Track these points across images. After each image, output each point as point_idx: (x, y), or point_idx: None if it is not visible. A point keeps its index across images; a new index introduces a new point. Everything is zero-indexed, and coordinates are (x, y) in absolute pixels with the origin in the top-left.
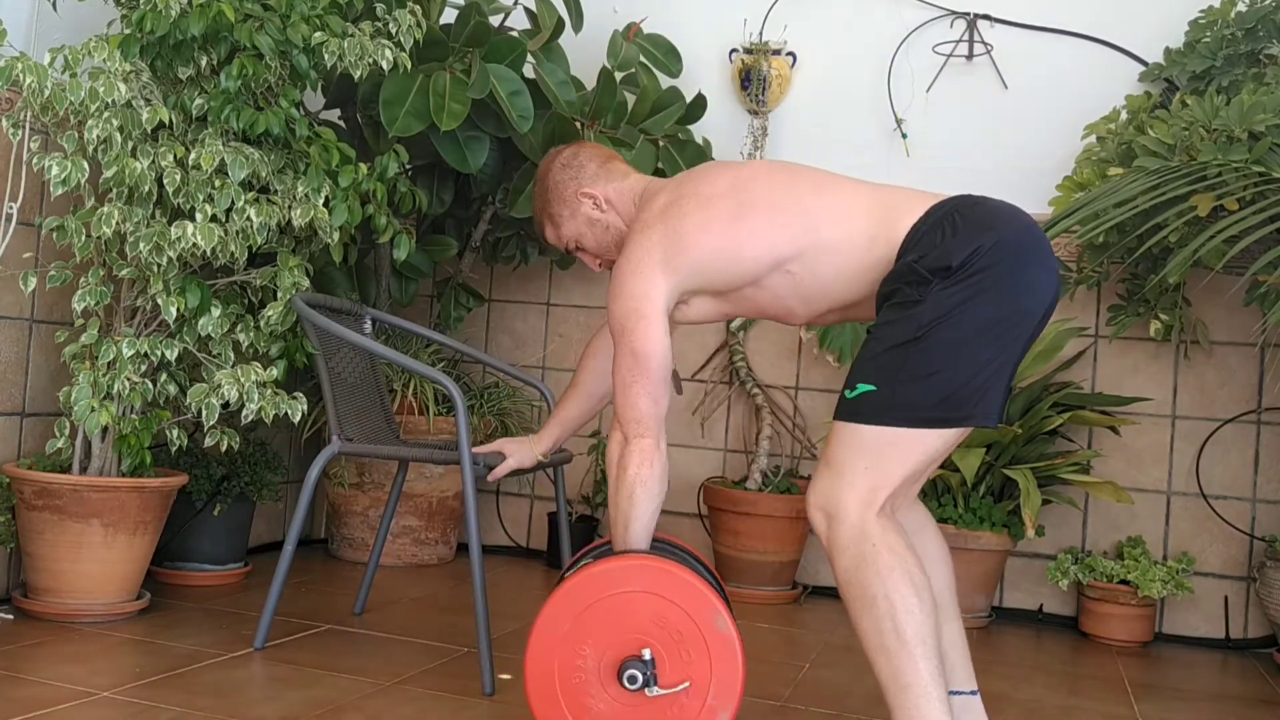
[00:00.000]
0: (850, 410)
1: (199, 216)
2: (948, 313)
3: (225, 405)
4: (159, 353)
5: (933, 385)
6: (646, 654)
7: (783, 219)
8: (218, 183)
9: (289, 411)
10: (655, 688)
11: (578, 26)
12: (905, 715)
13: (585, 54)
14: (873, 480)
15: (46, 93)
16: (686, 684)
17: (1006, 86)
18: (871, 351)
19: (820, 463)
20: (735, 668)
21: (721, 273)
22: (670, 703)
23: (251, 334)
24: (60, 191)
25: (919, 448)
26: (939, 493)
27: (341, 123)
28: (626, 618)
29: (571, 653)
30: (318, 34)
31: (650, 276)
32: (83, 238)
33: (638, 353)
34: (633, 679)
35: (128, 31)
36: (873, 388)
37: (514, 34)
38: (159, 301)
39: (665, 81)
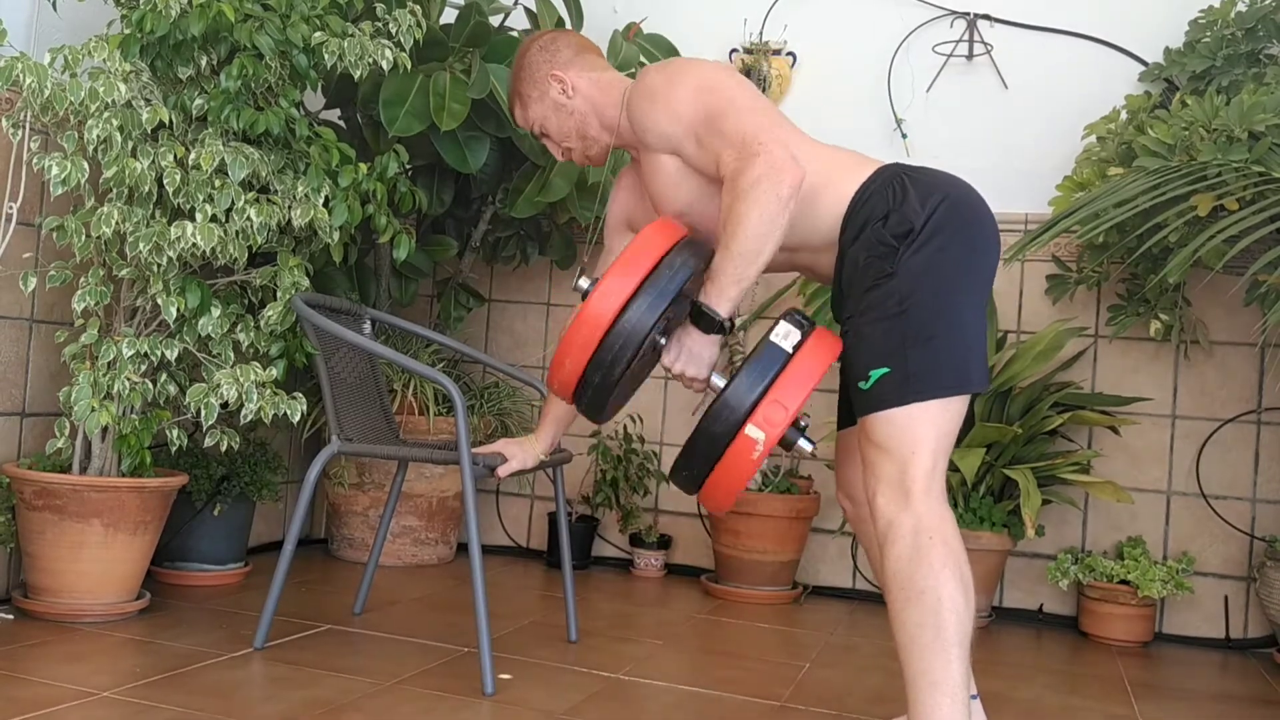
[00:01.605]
0: (874, 400)
1: (199, 216)
2: (922, 276)
3: (225, 405)
4: (159, 353)
5: (935, 349)
6: (805, 421)
7: (782, 125)
8: (218, 183)
9: (288, 411)
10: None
11: (577, 26)
12: (927, 713)
13: None
14: (923, 463)
15: (46, 93)
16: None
17: (1007, 86)
18: (867, 337)
19: (872, 453)
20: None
21: (722, 122)
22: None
23: (251, 334)
24: (60, 191)
25: (945, 417)
26: None
27: (341, 123)
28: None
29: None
30: (318, 34)
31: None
32: (83, 238)
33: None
34: (799, 450)
35: (128, 31)
36: (886, 370)
37: (514, 34)
38: (159, 301)
39: None
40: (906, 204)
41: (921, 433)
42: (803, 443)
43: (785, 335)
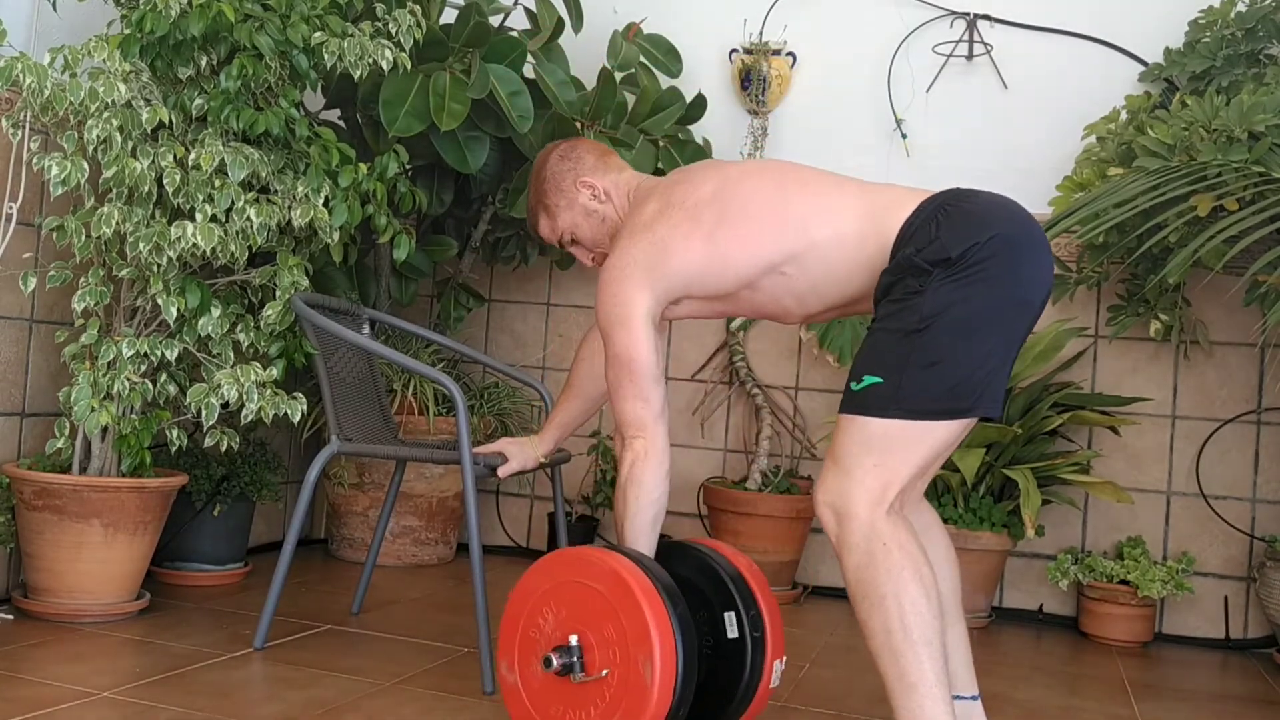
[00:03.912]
0: (857, 403)
1: (199, 216)
2: (950, 304)
3: (225, 405)
4: (159, 353)
5: (938, 375)
6: (573, 640)
7: (771, 224)
8: (218, 183)
9: (288, 411)
10: (581, 674)
11: (578, 26)
12: (909, 715)
13: (585, 54)
14: (882, 477)
15: (46, 93)
16: (605, 671)
17: (1006, 86)
18: (875, 344)
19: (827, 458)
20: (640, 712)
21: (710, 281)
22: (590, 691)
23: (251, 334)
24: (60, 191)
25: (926, 440)
26: (939, 493)
27: (341, 123)
28: (585, 608)
29: (537, 611)
30: (317, 34)
31: (636, 284)
32: (82, 238)
33: (622, 357)
34: (547, 661)
35: (128, 31)
36: (879, 379)
37: (514, 34)
38: (159, 301)
39: (665, 82)
40: (950, 233)
41: (890, 448)
42: (568, 669)
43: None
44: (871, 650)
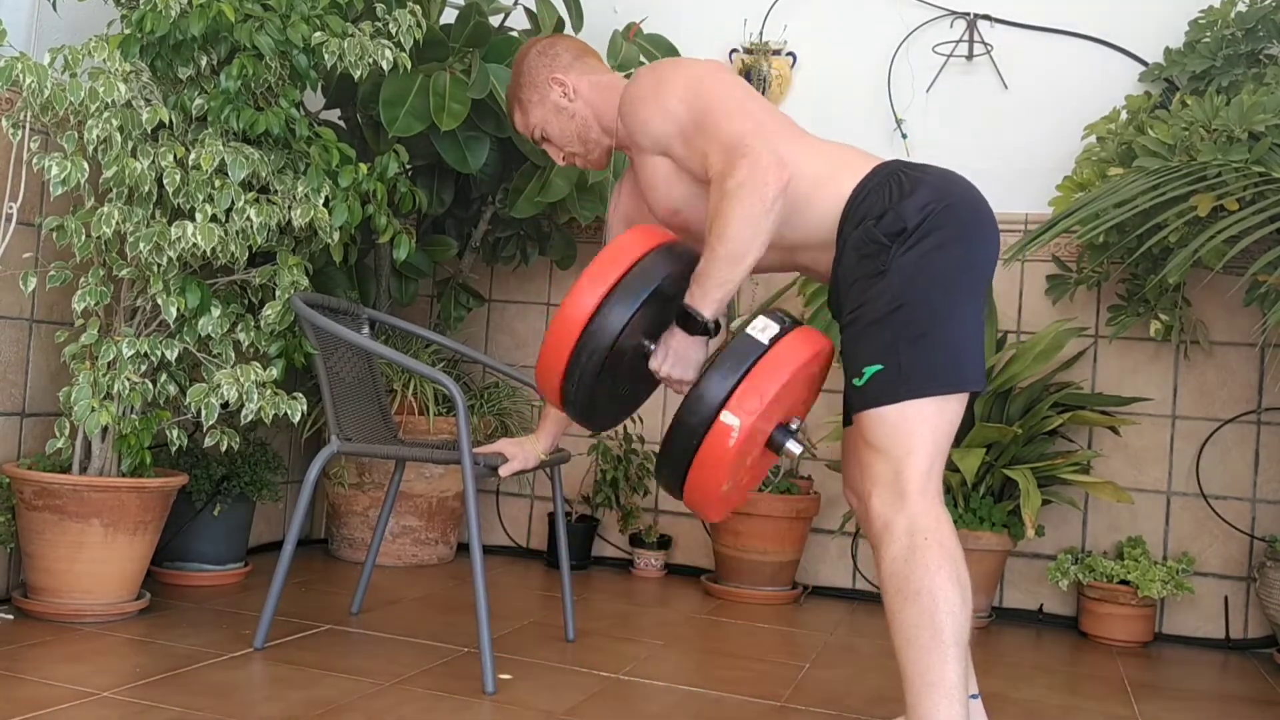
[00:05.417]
0: (868, 397)
1: (199, 216)
2: (914, 276)
3: (225, 405)
4: (159, 353)
5: (927, 347)
6: (795, 423)
7: (769, 126)
8: (218, 183)
9: (288, 411)
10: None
11: (578, 26)
12: (925, 713)
13: None
14: (919, 465)
15: (46, 93)
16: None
17: (1006, 86)
18: (860, 337)
19: (867, 454)
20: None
21: (710, 122)
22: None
23: (251, 334)
24: (60, 191)
25: (942, 418)
26: None
27: (341, 123)
28: (806, 390)
29: (779, 410)
30: (318, 34)
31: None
32: (83, 238)
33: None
34: (788, 452)
35: (128, 31)
36: (879, 366)
37: (514, 34)
38: (159, 301)
39: None
40: (903, 202)
41: (916, 433)
42: (791, 445)
43: (762, 328)
44: (895, 643)
